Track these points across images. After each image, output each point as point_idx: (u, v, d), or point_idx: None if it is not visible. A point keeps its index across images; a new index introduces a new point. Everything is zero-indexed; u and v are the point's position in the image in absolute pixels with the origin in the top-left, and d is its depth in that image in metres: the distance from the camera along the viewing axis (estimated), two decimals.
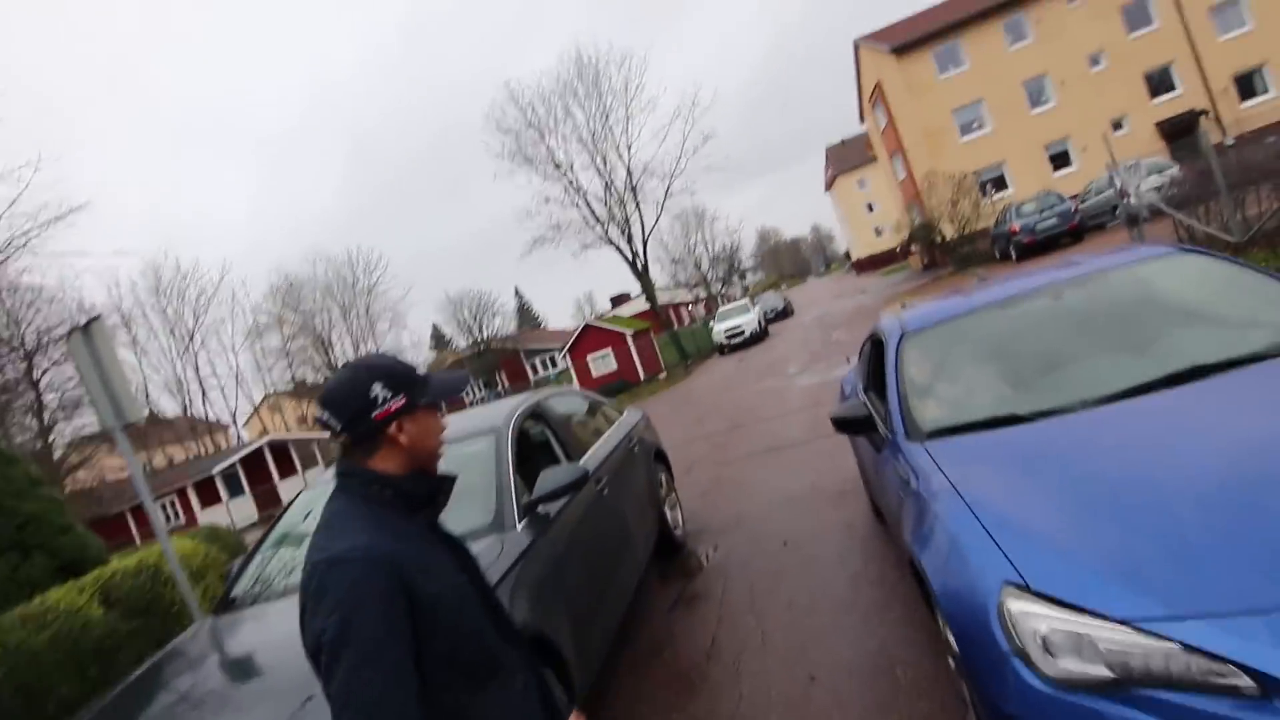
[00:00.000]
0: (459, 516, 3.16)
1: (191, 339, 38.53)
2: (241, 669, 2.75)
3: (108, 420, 4.50)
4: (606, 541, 3.70)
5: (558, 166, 29.28)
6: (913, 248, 34.12)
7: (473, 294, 45.52)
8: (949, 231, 25.86)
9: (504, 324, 48.96)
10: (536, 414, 4.05)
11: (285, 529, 3.52)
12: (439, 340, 57.51)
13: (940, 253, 27.87)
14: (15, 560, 4.32)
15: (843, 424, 2.95)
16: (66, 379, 24.52)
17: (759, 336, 26.06)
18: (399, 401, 1.29)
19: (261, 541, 3.48)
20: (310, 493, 3.81)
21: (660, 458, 5.51)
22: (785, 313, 36.69)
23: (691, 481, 7.25)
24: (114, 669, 3.70)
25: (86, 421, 29.36)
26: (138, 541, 21.92)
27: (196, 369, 38.72)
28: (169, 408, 38.69)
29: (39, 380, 21.00)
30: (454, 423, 4.08)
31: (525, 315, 77.11)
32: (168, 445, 35.99)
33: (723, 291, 57.88)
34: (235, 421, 40.62)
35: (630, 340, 25.97)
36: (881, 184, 50.91)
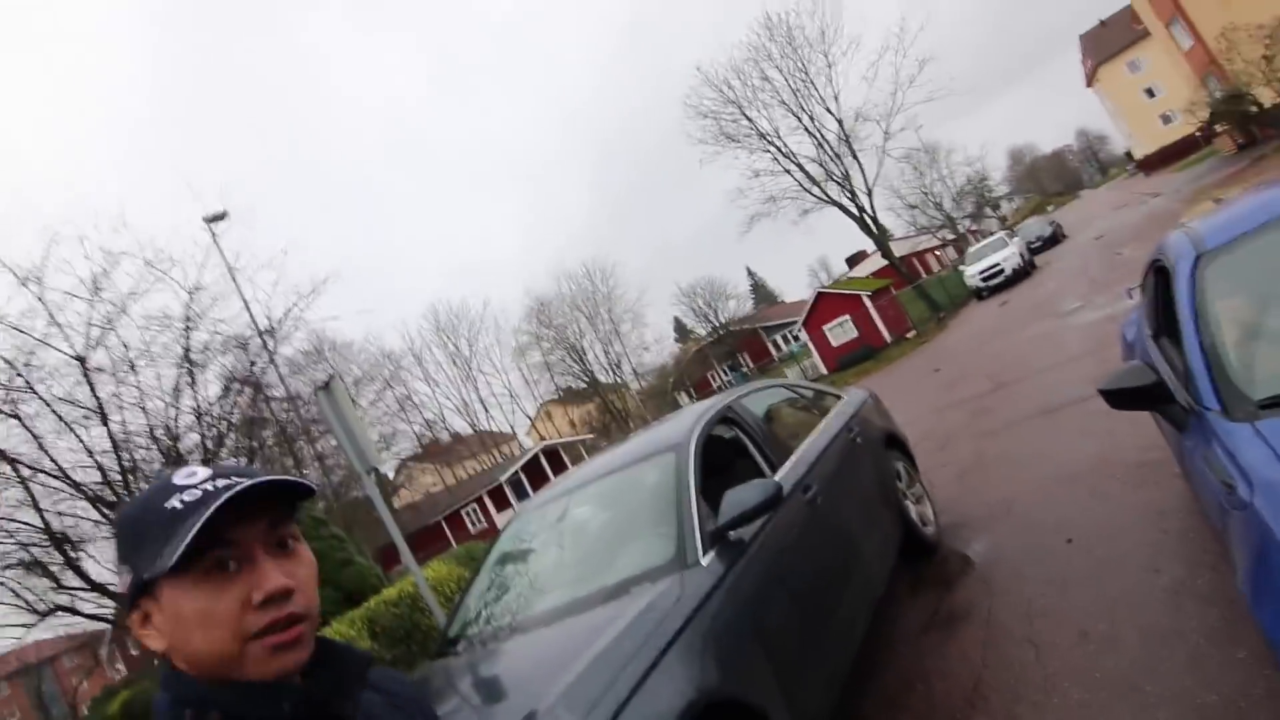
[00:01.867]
0: (633, 556, 2.86)
1: (470, 365, 43.96)
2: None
3: (356, 464, 4.96)
4: (824, 563, 3.14)
5: (763, 136, 28.24)
6: (1218, 127, 27.38)
7: (704, 281, 46.14)
8: (1267, 97, 20.15)
9: (739, 305, 48.93)
10: (728, 419, 3.60)
11: (491, 571, 3.48)
12: (681, 332, 59.16)
13: (1260, 126, 21.91)
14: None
15: (1118, 398, 2.08)
16: (382, 413, 29.30)
17: (1023, 272, 22.63)
18: (125, 578, 0.76)
19: (469, 586, 3.47)
20: (519, 522, 3.76)
21: (894, 443, 4.73)
22: (1054, 239, 31.60)
23: (946, 460, 6.25)
24: None
25: (404, 447, 34.89)
26: (453, 544, 25.38)
27: (477, 390, 44.09)
28: (461, 427, 44.54)
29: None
30: (630, 443, 3.80)
31: (760, 292, 76.26)
32: (465, 460, 41.51)
33: (973, 228, 51.87)
34: (515, 432, 45.71)
35: (868, 301, 24.12)
36: (1160, 61, 41.70)
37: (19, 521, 8.87)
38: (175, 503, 0.74)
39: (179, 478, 0.77)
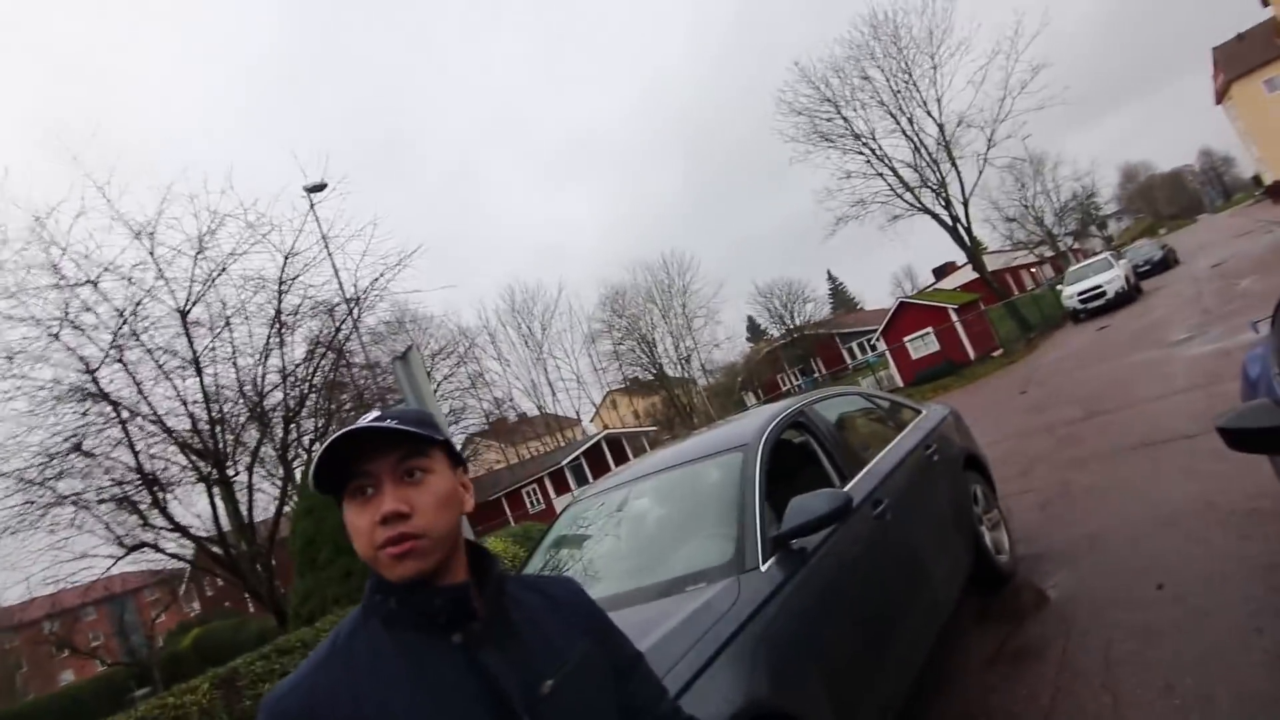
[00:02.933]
0: (690, 554, 2.80)
1: (540, 348, 44.66)
2: None
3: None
4: (889, 583, 3.00)
5: (857, 137, 27.39)
6: None
7: (782, 282, 45.44)
8: None
9: (816, 309, 47.97)
10: (800, 424, 3.50)
11: (545, 554, 3.49)
12: (754, 331, 58.49)
13: None
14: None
15: (1240, 438, 1.89)
16: (454, 388, 30.14)
17: (1126, 296, 21.27)
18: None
19: (522, 568, 3.49)
20: (577, 507, 3.77)
21: (974, 464, 4.50)
22: (1165, 263, 29.60)
23: (1028, 488, 5.93)
24: None
25: (472, 422, 35.81)
26: (511, 522, 25.94)
27: (546, 374, 44.77)
28: (528, 408, 45.36)
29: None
30: (697, 438, 3.73)
31: (840, 298, 74.59)
32: (529, 440, 42.26)
33: (1075, 247, 49.15)
34: (579, 418, 46.21)
35: (954, 315, 23.17)
36: None
37: (115, 460, 9.52)
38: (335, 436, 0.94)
39: (361, 421, 0.97)
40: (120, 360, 9.35)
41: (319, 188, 12.04)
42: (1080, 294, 22.13)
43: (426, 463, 0.98)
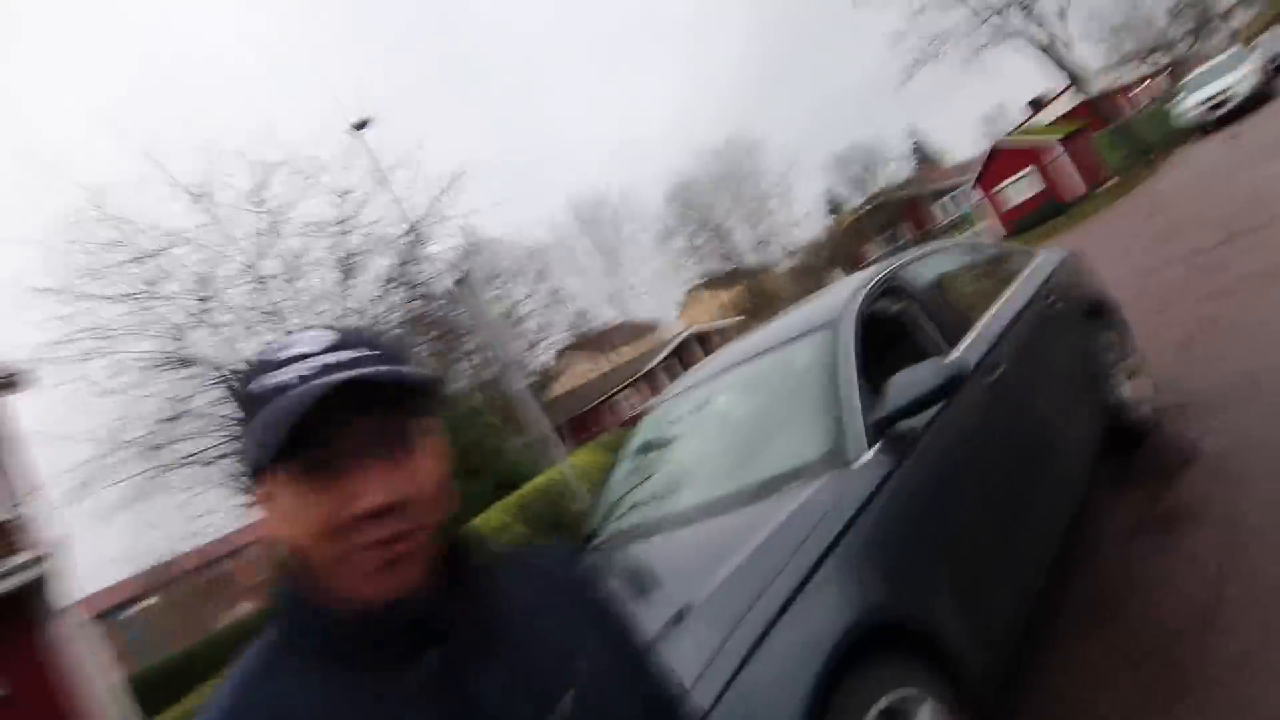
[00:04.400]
0: (782, 450, 2.52)
1: (615, 254, 44.30)
2: None
3: (500, 356, 4.96)
4: (1014, 459, 2.64)
5: None
6: None
7: (859, 147, 42.68)
8: None
9: (898, 170, 45.00)
10: (894, 289, 3.08)
11: (629, 465, 3.30)
12: (834, 205, 55.72)
13: None
14: (464, 482, 5.23)
15: None
16: (536, 306, 30.52)
17: (1260, 97, 18.52)
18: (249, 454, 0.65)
19: (607, 481, 3.32)
20: (658, 412, 3.54)
21: (1102, 310, 3.94)
22: None
23: (1164, 326, 5.25)
24: None
25: (559, 337, 36.42)
26: (606, 430, 26.60)
27: (625, 279, 44.59)
28: (611, 316, 45.56)
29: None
30: (779, 322, 3.37)
31: (923, 154, 69.56)
32: (619, 347, 42.70)
33: (1194, 50, 43.21)
34: (663, 319, 46.22)
35: (1057, 150, 20.99)
36: None
37: (225, 417, 10.06)
38: (284, 378, 0.62)
39: (298, 345, 0.66)
40: (205, 323, 9.80)
41: (364, 124, 11.86)
42: (1202, 101, 19.44)
43: (425, 422, 0.68)
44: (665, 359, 30.86)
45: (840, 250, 43.01)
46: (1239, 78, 18.91)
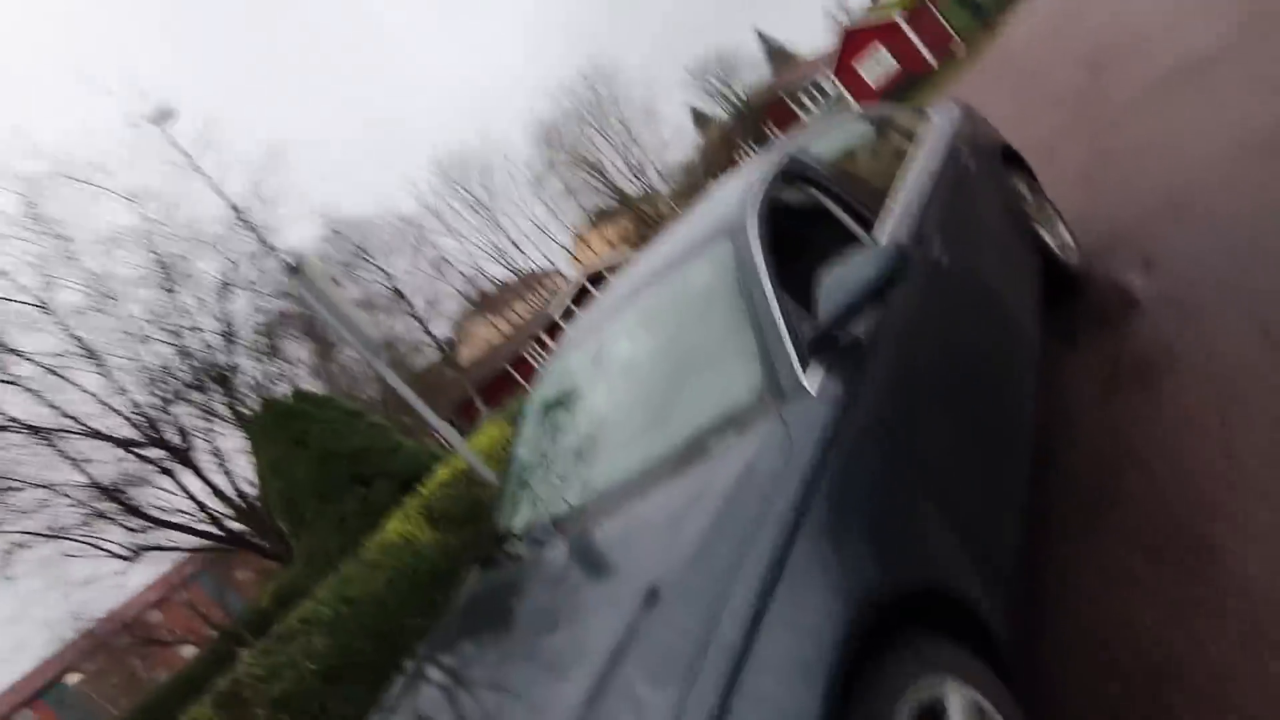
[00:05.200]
0: (707, 396, 2.00)
1: (490, 209, 42.42)
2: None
3: (360, 350, 4.22)
4: (971, 341, 2.23)
5: None
6: None
7: (712, 58, 42.01)
8: None
9: (756, 74, 44.77)
10: (793, 175, 2.56)
11: (527, 444, 2.72)
12: (700, 120, 55.13)
13: None
14: (362, 493, 4.58)
15: None
16: (421, 280, 28.91)
17: None
18: None
19: (508, 470, 2.74)
20: (547, 379, 2.93)
21: (1010, 158, 3.59)
22: None
23: (1060, 169, 5.01)
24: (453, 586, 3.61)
25: (452, 307, 34.88)
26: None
27: (507, 234, 42.92)
28: (502, 274, 43.97)
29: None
30: (668, 237, 2.81)
31: (776, 56, 69.63)
32: (514, 304, 41.36)
33: None
34: (556, 266, 44.95)
35: (904, 24, 21.06)
36: None
37: (66, 485, 8.77)
38: None
39: None
40: (8, 381, 8.34)
41: (163, 117, 10.23)
42: None
43: None
44: (570, 305, 30.11)
45: (716, 163, 42.71)
46: None
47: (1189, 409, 2.20)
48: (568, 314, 30.03)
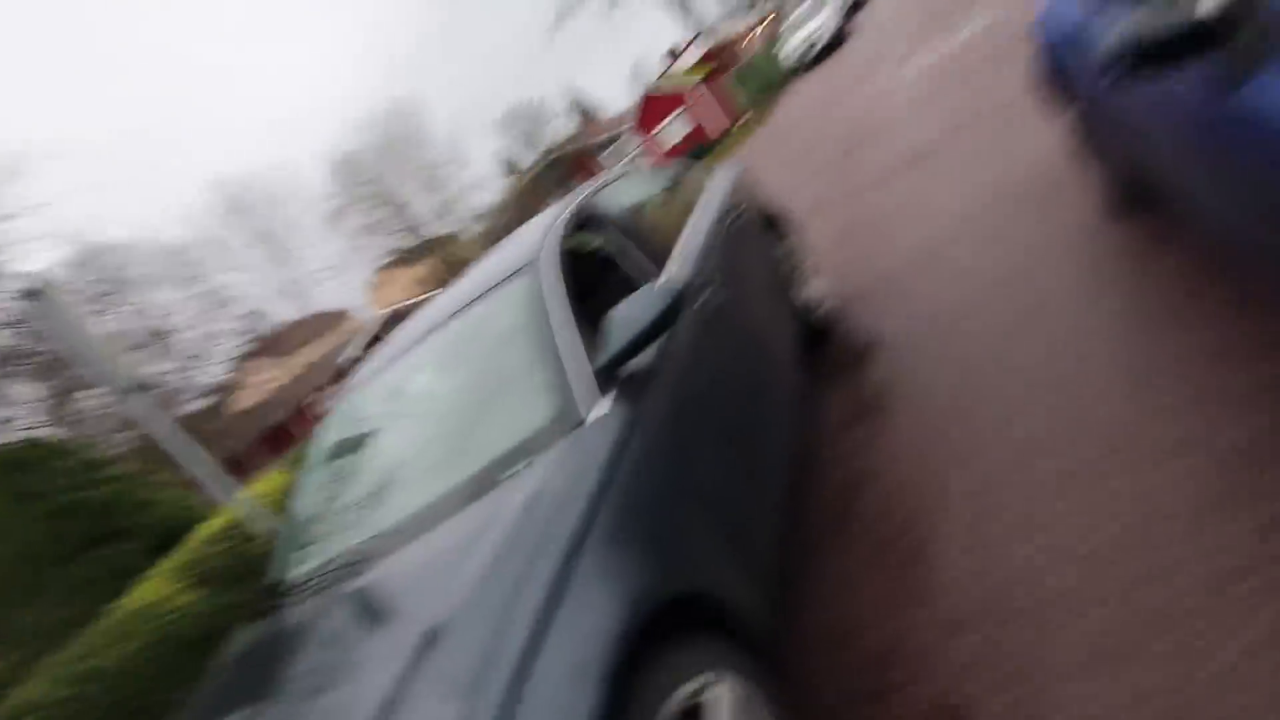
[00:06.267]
0: (504, 424, 2.07)
1: (281, 243, 39.28)
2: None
3: (109, 385, 3.73)
4: (741, 376, 2.52)
5: None
6: None
7: (523, 107, 42.83)
8: None
9: (563, 126, 46.20)
10: (588, 220, 2.75)
11: (314, 483, 2.59)
12: (510, 166, 55.55)
13: None
14: (108, 553, 3.95)
15: (1156, 51, 1.41)
16: (192, 316, 25.86)
17: (841, 38, 22.13)
18: None
19: (289, 512, 2.59)
20: (342, 407, 2.82)
21: (775, 219, 4.10)
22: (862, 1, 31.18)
23: (819, 230, 5.77)
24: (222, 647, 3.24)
25: (231, 346, 31.50)
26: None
27: (298, 269, 39.89)
28: (290, 313, 40.65)
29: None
30: (469, 275, 2.88)
31: (582, 110, 72.39)
32: (303, 347, 38.23)
33: (785, 3, 50.52)
34: (352, 307, 42.41)
35: (698, 93, 23.05)
36: None
37: None
38: None
39: None
40: None
41: None
42: (798, 48, 22.63)
43: None
44: (364, 349, 28.35)
45: (523, 209, 43.12)
46: (822, 23, 22.32)
47: (910, 436, 2.66)
48: (361, 357, 28.32)
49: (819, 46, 21.91)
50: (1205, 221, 1.91)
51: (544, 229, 2.57)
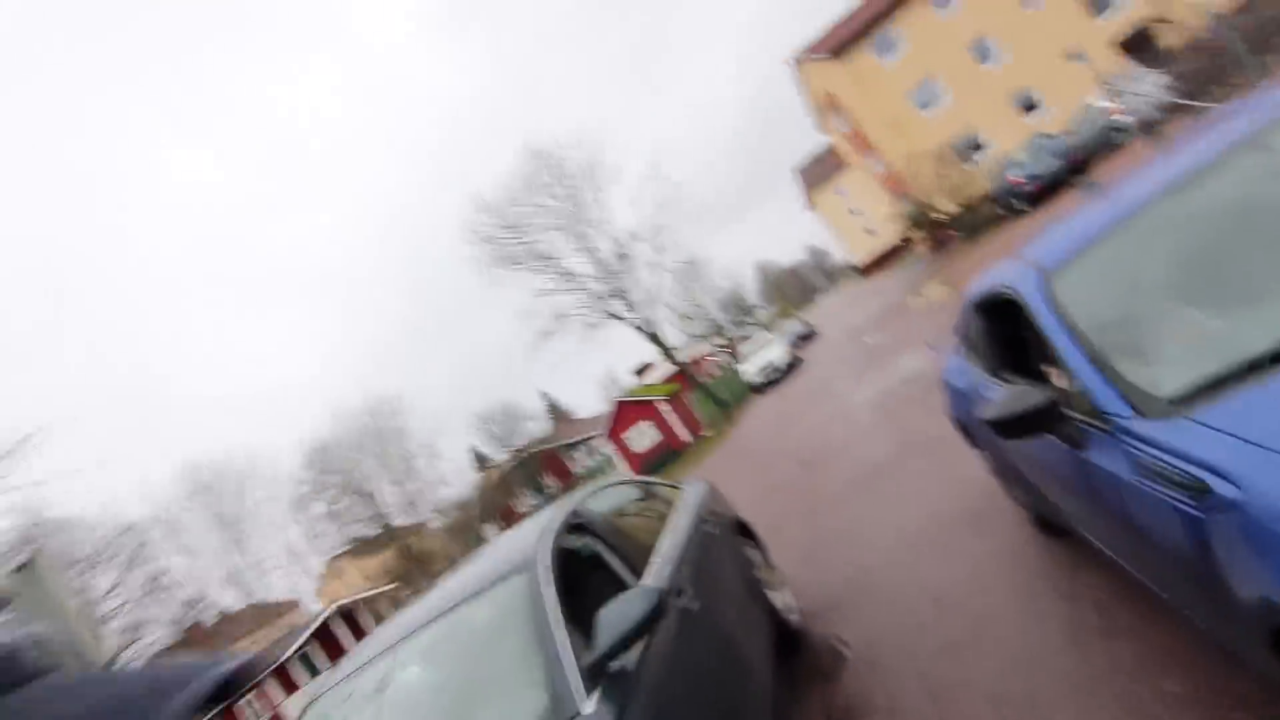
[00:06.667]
0: (495, 718, 2.19)
1: (239, 526, 38.13)
2: None
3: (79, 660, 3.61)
4: (716, 675, 2.67)
5: (544, 258, 29.08)
6: (915, 235, 33.21)
7: (499, 407, 45.39)
8: (947, 206, 25.02)
9: (536, 426, 48.51)
10: (578, 524, 3.09)
11: None
12: (480, 461, 56.90)
13: (944, 229, 26.90)
14: None
15: (1014, 425, 1.95)
16: (124, 600, 24.04)
17: (792, 365, 24.95)
18: None
19: None
20: (320, 705, 2.81)
21: (744, 531, 4.47)
22: (809, 335, 35.61)
23: (788, 543, 6.13)
24: None
25: (159, 635, 28.77)
26: None
27: (249, 556, 38.17)
28: (232, 601, 37.95)
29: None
30: (460, 574, 3.13)
31: (556, 412, 76.61)
32: (238, 640, 35.00)
33: (739, 335, 57.12)
34: (300, 598, 39.78)
35: (665, 406, 25.00)
36: (859, 185, 50.54)
37: None
38: None
39: None
40: None
41: None
42: (759, 370, 25.40)
43: None
44: (303, 644, 26.02)
45: (491, 504, 43.21)
46: (777, 352, 25.32)
47: None
48: (304, 654, 25.90)
49: (778, 368, 24.58)
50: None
51: (540, 529, 2.89)
